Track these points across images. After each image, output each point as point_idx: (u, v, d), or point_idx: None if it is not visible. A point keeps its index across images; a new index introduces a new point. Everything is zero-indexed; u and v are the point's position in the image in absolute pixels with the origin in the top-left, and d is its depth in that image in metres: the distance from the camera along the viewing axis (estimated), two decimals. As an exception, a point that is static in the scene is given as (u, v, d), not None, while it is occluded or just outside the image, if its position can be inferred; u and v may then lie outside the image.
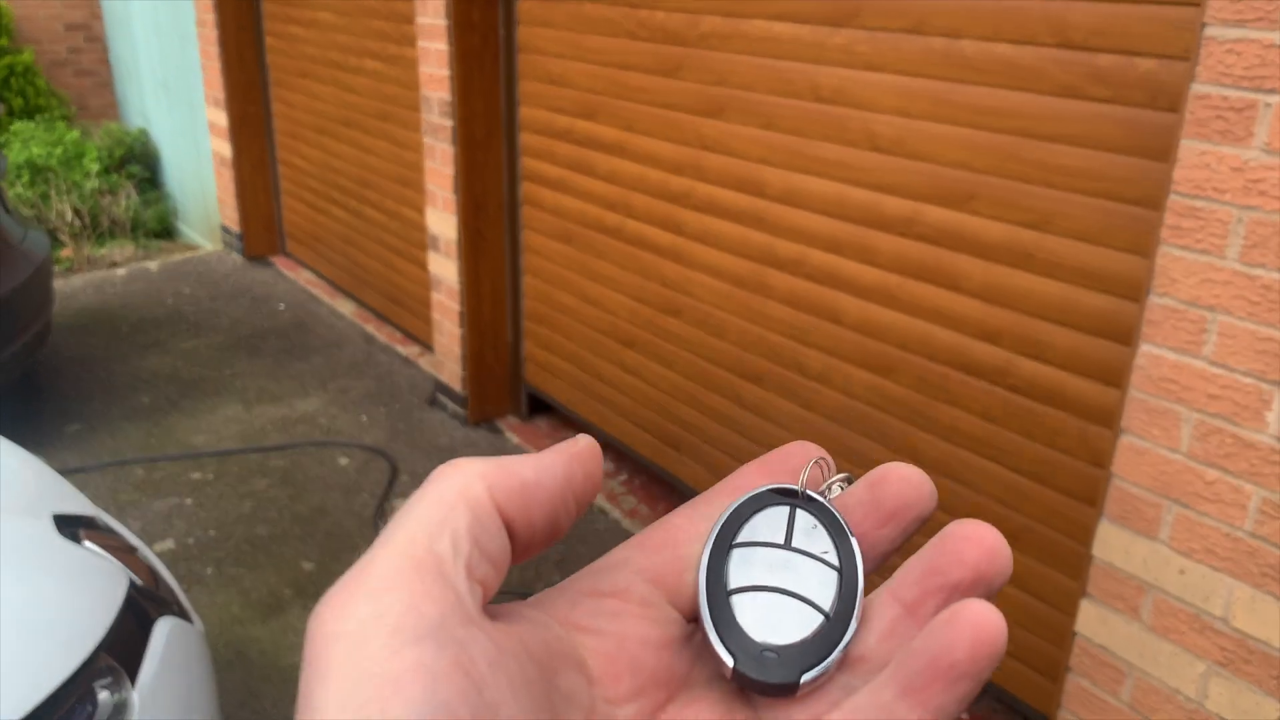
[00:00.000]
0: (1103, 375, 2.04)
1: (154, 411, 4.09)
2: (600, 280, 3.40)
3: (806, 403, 2.73)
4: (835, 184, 2.50)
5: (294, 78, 5.25)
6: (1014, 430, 2.23)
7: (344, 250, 5.16)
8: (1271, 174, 1.58)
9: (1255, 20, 1.56)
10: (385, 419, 4.07)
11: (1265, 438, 1.66)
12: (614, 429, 3.52)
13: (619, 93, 3.11)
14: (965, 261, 2.24)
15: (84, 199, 6.42)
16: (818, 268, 2.60)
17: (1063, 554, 2.18)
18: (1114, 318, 1.99)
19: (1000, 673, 2.37)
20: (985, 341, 2.24)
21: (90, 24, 7.57)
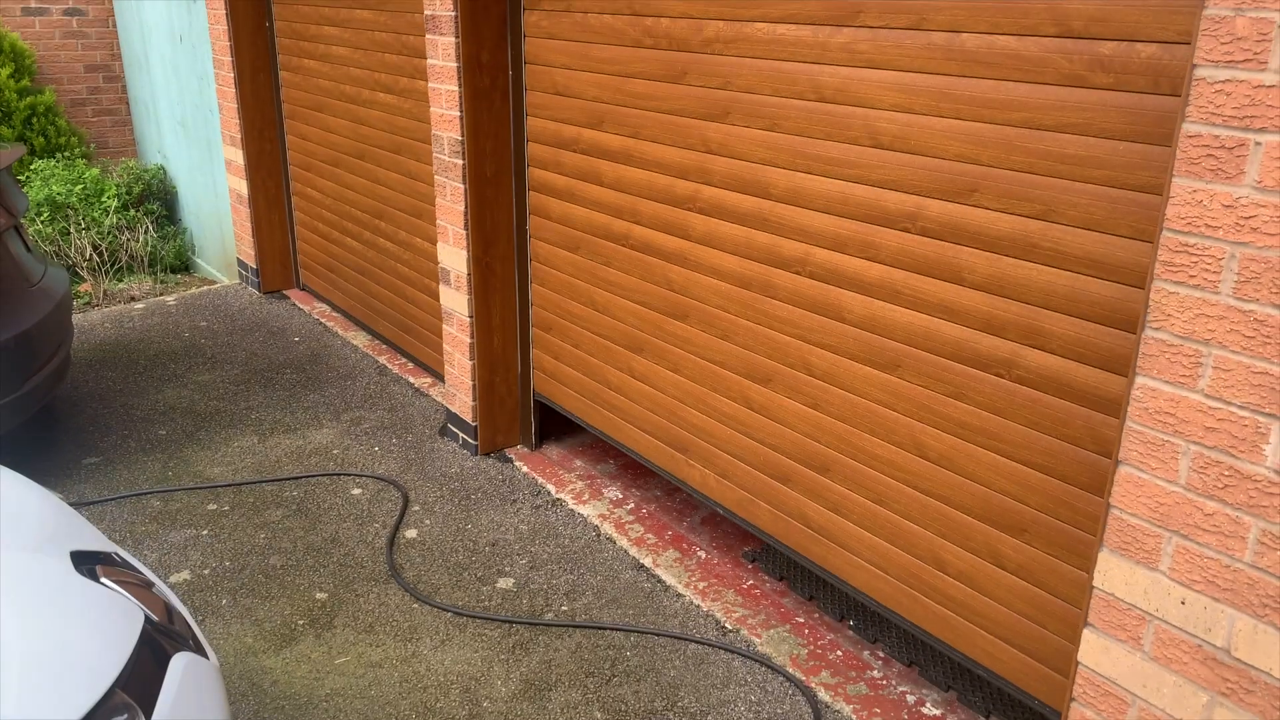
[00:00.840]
0: (1109, 363, 2.05)
1: (171, 444, 4.15)
2: (608, 287, 3.43)
3: (814, 402, 2.75)
4: (838, 183, 2.53)
5: (308, 110, 5.35)
6: (1021, 422, 2.24)
7: (357, 280, 5.23)
8: (1263, 211, 1.61)
9: (1244, 61, 1.60)
10: (398, 449, 4.11)
11: (1263, 470, 1.68)
12: (622, 435, 3.54)
13: (625, 101, 3.16)
14: (969, 254, 2.27)
15: (103, 235, 6.53)
16: (822, 266, 2.63)
17: (1072, 545, 2.19)
18: (1119, 305, 2.00)
19: (1011, 667, 2.37)
20: (990, 334, 2.26)
21: (110, 64, 7.72)
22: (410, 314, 4.74)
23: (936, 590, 2.52)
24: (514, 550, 3.41)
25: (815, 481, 2.81)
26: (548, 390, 3.91)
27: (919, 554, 2.55)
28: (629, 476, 3.88)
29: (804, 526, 2.88)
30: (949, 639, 2.52)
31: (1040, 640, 2.30)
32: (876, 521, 2.64)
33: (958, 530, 2.44)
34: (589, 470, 3.93)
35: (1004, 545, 2.34)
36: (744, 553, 3.38)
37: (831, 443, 2.72)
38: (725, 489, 3.14)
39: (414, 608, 3.10)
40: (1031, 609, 2.30)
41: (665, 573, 3.26)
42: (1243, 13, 1.58)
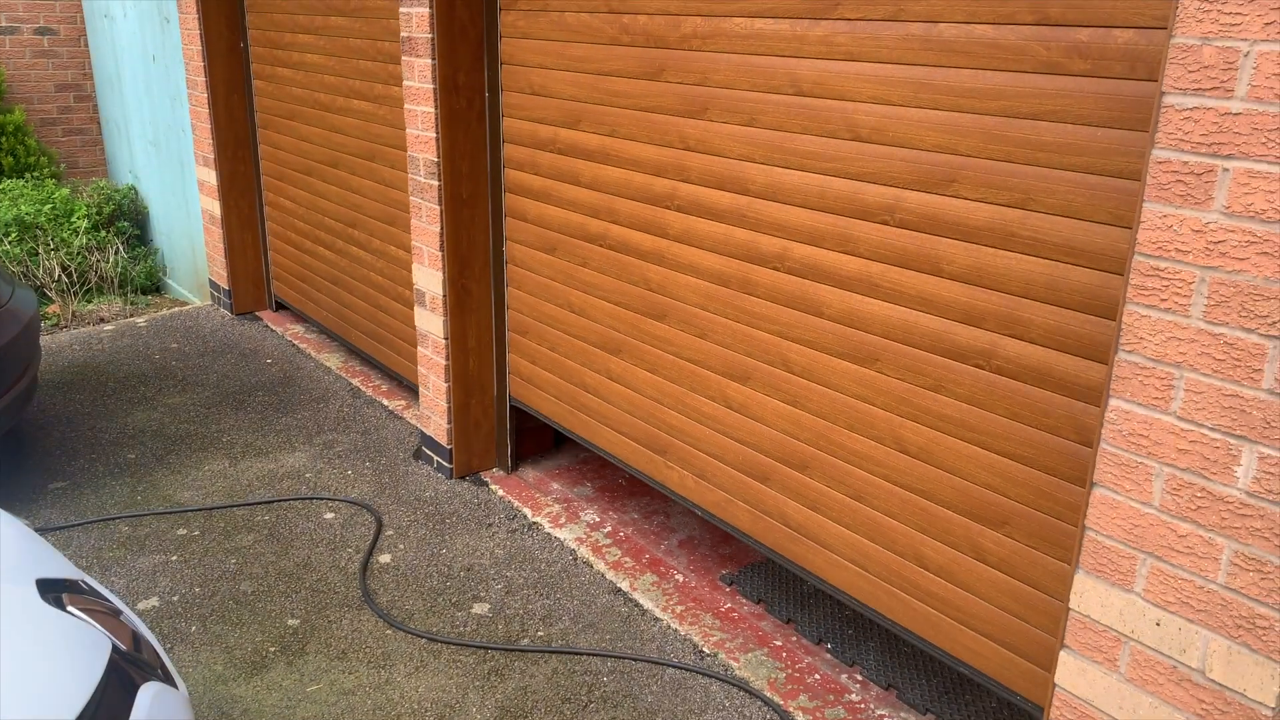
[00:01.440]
0: (1089, 351, 2.04)
1: (140, 468, 4.09)
2: (585, 288, 3.42)
3: (793, 399, 2.74)
4: (817, 177, 2.53)
5: (282, 120, 5.31)
6: (1000, 413, 2.24)
7: (331, 291, 5.18)
8: (1232, 236, 1.64)
9: (1211, 89, 1.63)
10: (371, 473, 4.07)
11: (1235, 491, 1.70)
12: (600, 439, 3.52)
13: (602, 99, 3.16)
14: (947, 245, 2.27)
15: (72, 256, 6.45)
16: (800, 261, 2.63)
17: (1054, 536, 2.18)
18: (1099, 292, 2.00)
19: (993, 664, 2.36)
20: (969, 325, 2.26)
21: (81, 84, 7.66)
22: (383, 323, 4.69)
23: (917, 587, 2.51)
24: (489, 575, 3.38)
25: (794, 479, 2.79)
26: (524, 395, 3.88)
27: (899, 550, 2.53)
28: (606, 499, 3.86)
29: (783, 525, 2.86)
30: (930, 636, 2.51)
31: (1022, 635, 2.29)
32: (856, 518, 2.63)
33: (938, 525, 2.42)
34: (566, 493, 3.91)
35: (985, 539, 2.33)
36: (722, 575, 3.37)
37: (810, 440, 2.71)
38: (704, 490, 3.12)
39: (388, 634, 3.06)
40: (1013, 603, 2.29)
41: (643, 596, 3.24)
42: (1209, 41, 1.61)
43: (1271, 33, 1.54)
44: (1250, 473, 1.67)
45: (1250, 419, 1.66)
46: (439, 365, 3.93)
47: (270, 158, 5.55)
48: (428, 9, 3.49)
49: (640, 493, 3.92)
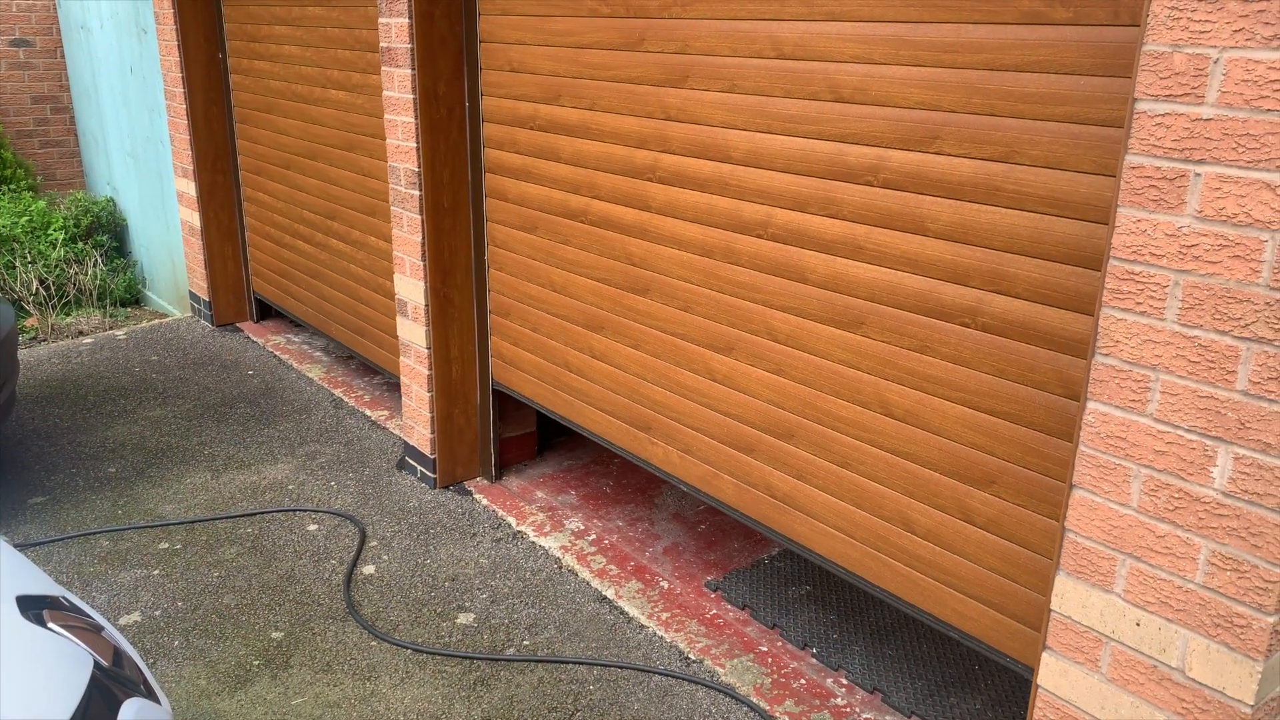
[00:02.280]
0: (1074, 303, 2.02)
1: (120, 481, 4.06)
2: (567, 266, 3.39)
3: (777, 367, 2.72)
4: (799, 140, 2.52)
5: (259, 114, 5.28)
6: (987, 371, 2.22)
7: (309, 284, 5.14)
8: (1204, 240, 1.66)
9: (1183, 95, 1.65)
10: (354, 484, 4.06)
11: (1211, 492, 1.72)
12: (582, 418, 3.49)
13: (582, 72, 3.14)
14: (931, 204, 2.26)
15: (50, 268, 6.41)
16: (783, 227, 2.62)
17: (1042, 493, 2.16)
18: (1084, 242, 1.99)
19: (982, 626, 2.34)
20: (954, 283, 2.24)
21: (58, 95, 7.62)
22: (363, 314, 4.66)
23: (904, 551, 2.49)
24: (474, 585, 3.37)
25: (779, 449, 2.77)
26: (506, 378, 3.85)
27: (886, 515, 2.52)
28: (591, 507, 3.87)
29: (769, 496, 2.84)
30: (918, 602, 2.48)
31: (1011, 595, 2.27)
32: (842, 485, 2.61)
33: (925, 488, 2.41)
34: (550, 501, 3.91)
35: (972, 499, 2.31)
36: (707, 582, 3.38)
37: (795, 408, 2.69)
38: (689, 465, 3.09)
39: (372, 645, 3.05)
40: (1002, 563, 2.27)
41: (628, 604, 3.24)
42: (1180, 49, 1.64)
43: (1240, 39, 1.57)
44: (1226, 473, 1.69)
45: (1225, 420, 1.68)
46: (422, 375, 3.92)
47: (248, 151, 5.51)
48: (407, 20, 3.50)
49: (625, 500, 3.93)
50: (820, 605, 3.26)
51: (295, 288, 5.32)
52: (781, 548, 3.60)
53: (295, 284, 5.31)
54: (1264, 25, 1.54)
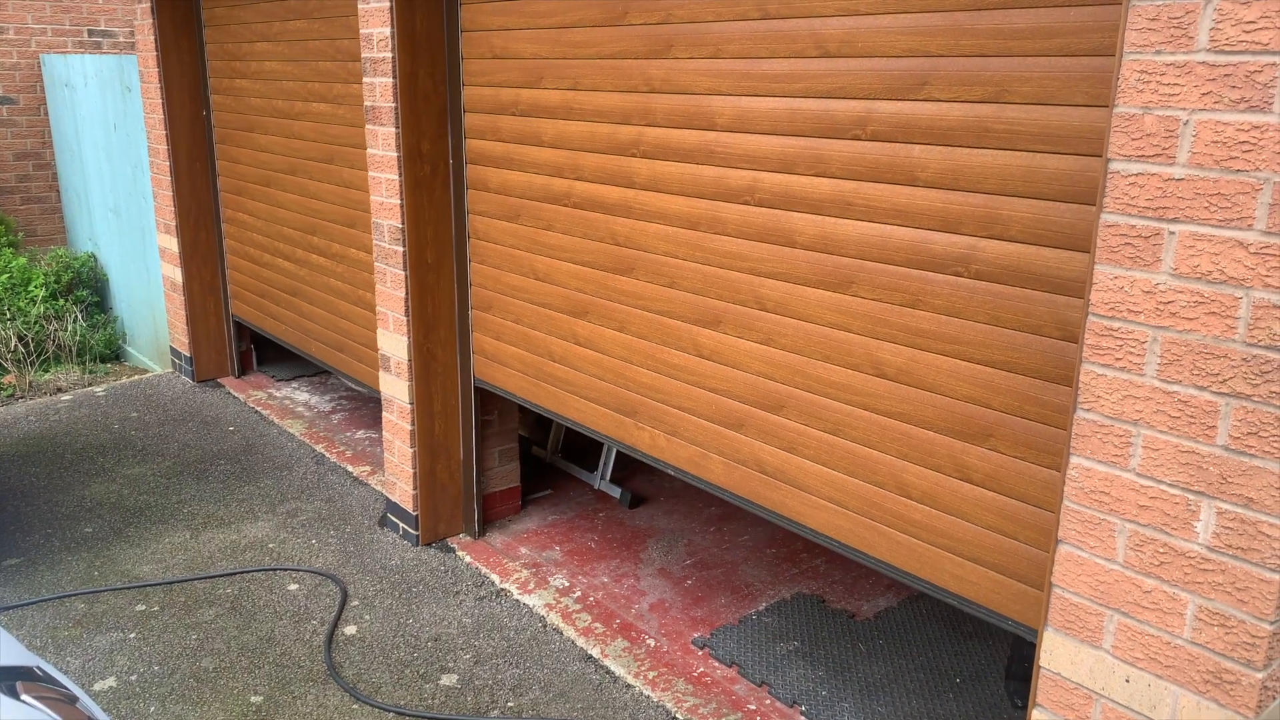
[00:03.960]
0: (1069, 241, 1.99)
1: (97, 542, 3.99)
2: (550, 252, 3.36)
3: (766, 337, 2.68)
4: (785, 100, 2.49)
5: (240, 132, 5.27)
6: (980, 320, 2.18)
7: (289, 302, 5.09)
8: (1180, 297, 1.68)
9: (1154, 156, 1.68)
10: (336, 542, 4.01)
11: (1196, 546, 1.72)
12: (567, 409, 3.44)
13: (564, 52, 3.13)
14: (921, 152, 2.23)
15: (29, 325, 6.36)
16: (770, 191, 2.58)
17: (1040, 443, 2.11)
18: (1077, 178, 1.96)
19: (981, 589, 2.28)
20: (945, 232, 2.21)
21: (41, 152, 7.63)
22: (343, 329, 4.60)
23: (899, 517, 2.43)
24: (457, 645, 3.32)
25: (769, 422, 2.72)
26: (488, 375, 3.80)
27: (879, 481, 2.47)
28: (576, 563, 3.83)
29: (759, 472, 2.78)
30: (915, 569, 2.42)
31: (1011, 554, 2.20)
32: (834, 454, 2.56)
33: (919, 448, 2.36)
34: (534, 557, 3.87)
35: (969, 456, 2.26)
36: (694, 639, 3.34)
37: (785, 377, 2.65)
38: (676, 447, 3.04)
39: (354, 708, 2.99)
40: (1001, 520, 2.22)
41: (614, 663, 3.20)
42: (1150, 111, 1.67)
43: (1208, 102, 1.60)
44: (1210, 528, 1.70)
45: (1207, 475, 1.69)
46: (404, 430, 3.90)
47: (228, 173, 5.48)
48: (391, 79, 3.54)
49: (610, 555, 3.90)
50: (809, 661, 3.23)
51: (275, 307, 5.25)
52: (768, 603, 3.57)
53: (275, 303, 5.24)
54: (1231, 89, 1.58)
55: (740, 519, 4.21)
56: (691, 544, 4.00)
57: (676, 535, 4.07)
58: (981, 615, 2.30)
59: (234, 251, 5.64)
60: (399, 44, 3.50)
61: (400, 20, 3.48)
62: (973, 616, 3.51)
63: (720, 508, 4.31)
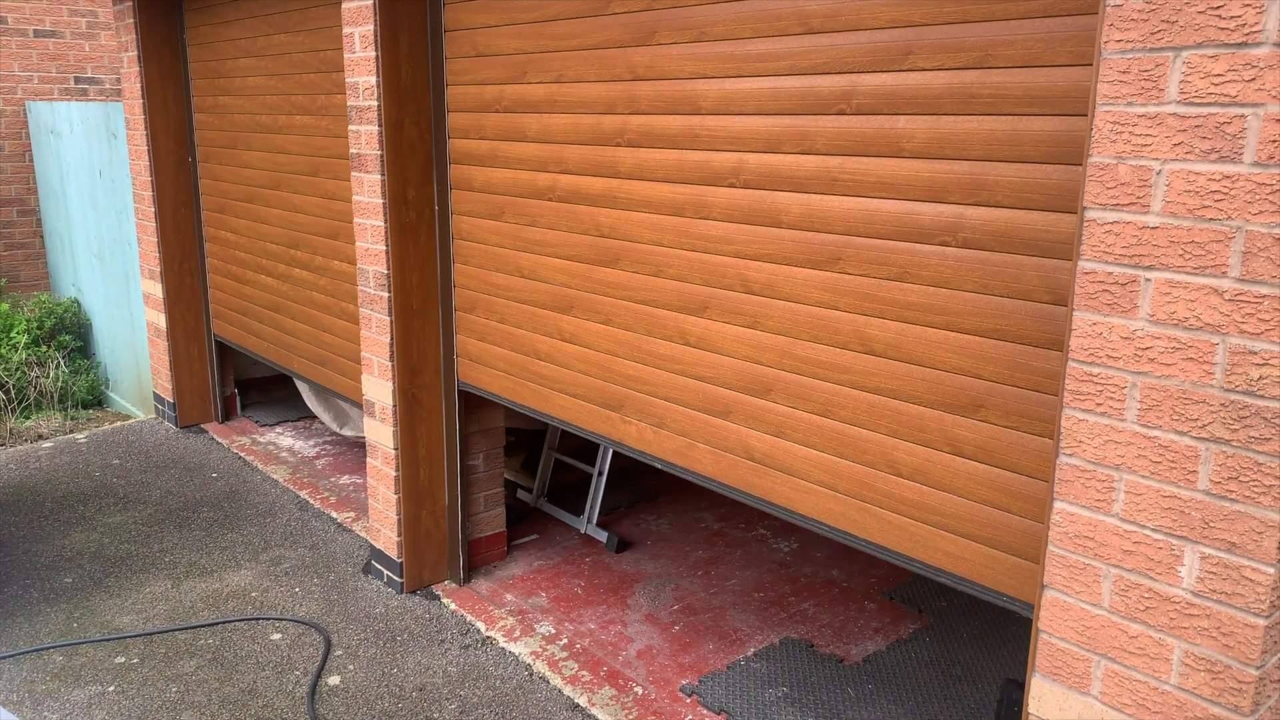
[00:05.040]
0: (1056, 202, 1.98)
1: (76, 592, 3.94)
2: (534, 248, 3.34)
3: (753, 321, 2.66)
4: (770, 80, 2.49)
5: (223, 149, 5.26)
6: (969, 289, 2.16)
7: (271, 318, 5.05)
8: (1158, 342, 1.70)
9: (1129, 204, 1.71)
10: (319, 589, 3.96)
11: (1181, 591, 1.73)
12: (551, 407, 3.40)
13: (548, 46, 3.14)
14: (905, 123, 2.22)
15: (10, 372, 6.32)
16: (756, 171, 2.58)
17: (1032, 411, 2.08)
18: (1064, 138, 1.95)
19: (975, 566, 2.24)
20: (932, 201, 2.20)
21: (25, 198, 7.63)
22: (325, 342, 4.57)
23: (890, 496, 2.40)
24: (442, 694, 3.28)
25: (757, 408, 2.71)
26: (473, 377, 3.76)
27: (869, 460, 2.43)
28: (562, 609, 3.80)
29: (747, 460, 2.75)
30: (906, 549, 2.38)
31: (1005, 528, 2.17)
32: (823, 435, 2.53)
33: (909, 424, 2.33)
34: (520, 604, 3.84)
35: (960, 429, 2.23)
36: (682, 686, 3.31)
37: (772, 360, 2.63)
38: (663, 439, 3.00)
39: (337, 762, 2.94)
40: (994, 493, 2.19)
41: (601, 711, 3.16)
42: (1124, 161, 1.70)
43: (1180, 153, 1.64)
44: (1194, 573, 1.70)
45: (1190, 519, 1.70)
46: (389, 476, 3.88)
47: (211, 191, 5.48)
48: (377, 127, 3.56)
49: (597, 600, 3.87)
50: (798, 708, 3.20)
51: (257, 325, 5.21)
52: (757, 648, 3.54)
53: (257, 320, 5.20)
54: (1202, 139, 1.61)
55: (728, 563, 4.19)
56: (679, 589, 3.97)
57: (664, 580, 4.05)
58: (976, 593, 2.26)
59: (216, 270, 5.61)
60: (384, 93, 3.53)
61: (386, 70, 3.52)
62: (963, 660, 3.49)
63: (707, 551, 4.29)
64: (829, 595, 3.93)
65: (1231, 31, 1.56)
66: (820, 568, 4.16)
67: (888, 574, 4.11)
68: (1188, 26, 1.61)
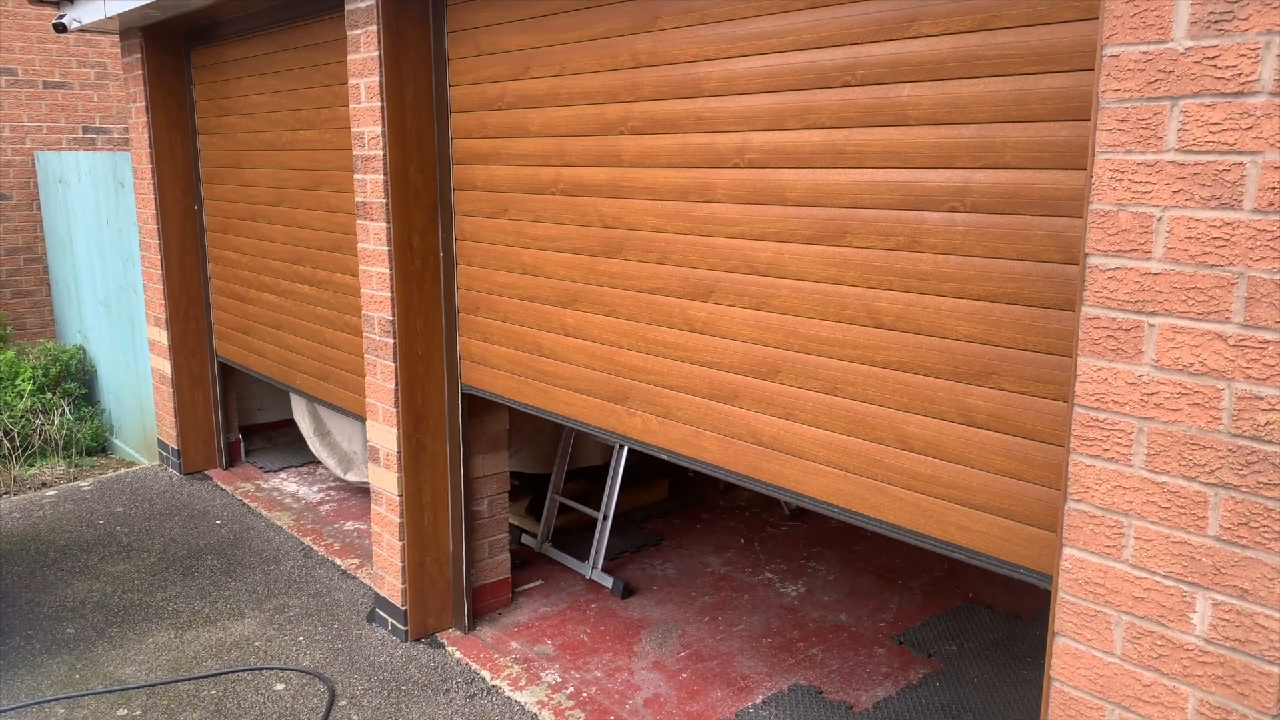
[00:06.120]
0: (1065, 160, 1.96)
1: (79, 643, 3.91)
2: (537, 244, 3.33)
3: (759, 302, 2.63)
4: (773, 57, 2.49)
5: (226, 169, 5.29)
6: (979, 254, 2.13)
7: (274, 336, 5.04)
8: (1164, 388, 1.70)
9: (1131, 251, 1.72)
10: (323, 638, 3.93)
11: (1193, 639, 1.71)
12: (556, 404, 3.37)
13: (550, 39, 3.14)
14: (911, 90, 2.20)
15: (15, 420, 6.33)
16: (760, 150, 2.56)
17: (1045, 375, 2.05)
18: (1071, 94, 1.94)
19: (991, 539, 2.19)
20: (940, 168, 2.18)
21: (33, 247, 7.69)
22: (328, 356, 4.55)
23: (902, 472, 2.36)
24: (448, 744, 3.24)
25: (764, 390, 2.66)
26: (477, 379, 3.73)
27: (880, 437, 2.39)
28: (568, 657, 3.76)
29: (754, 445, 2.71)
30: (919, 526, 2.33)
31: (1020, 497, 2.13)
32: (832, 414, 2.49)
33: (920, 396, 2.29)
34: (525, 652, 3.80)
35: (972, 397, 2.19)
36: (688, 734, 3.27)
37: (779, 341, 2.61)
38: (669, 429, 2.96)
39: (341, 816, 2.90)
40: (1008, 462, 2.14)
41: (608, 761, 3.12)
42: (1124, 208, 1.72)
43: (1180, 200, 1.65)
44: (1206, 620, 1.69)
45: (1201, 566, 1.69)
46: (393, 523, 3.87)
47: (215, 212, 5.50)
48: (382, 175, 3.60)
49: (603, 648, 3.83)
50: (807, 756, 3.15)
51: (259, 343, 5.21)
52: (765, 696, 3.51)
53: (259, 339, 5.20)
54: (1201, 187, 1.62)
55: (735, 607, 4.16)
56: (686, 635, 3.94)
57: (670, 626, 4.02)
58: (992, 567, 2.21)
59: (219, 290, 5.62)
60: (390, 142, 3.57)
61: (391, 119, 3.56)
62: (974, 707, 3.45)
63: (714, 596, 4.26)
64: (837, 640, 3.89)
65: (1228, 81, 1.58)
66: (828, 612, 4.12)
67: (897, 618, 4.08)
68: (1184, 76, 1.63)
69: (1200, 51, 1.61)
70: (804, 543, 4.86)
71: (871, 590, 4.34)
